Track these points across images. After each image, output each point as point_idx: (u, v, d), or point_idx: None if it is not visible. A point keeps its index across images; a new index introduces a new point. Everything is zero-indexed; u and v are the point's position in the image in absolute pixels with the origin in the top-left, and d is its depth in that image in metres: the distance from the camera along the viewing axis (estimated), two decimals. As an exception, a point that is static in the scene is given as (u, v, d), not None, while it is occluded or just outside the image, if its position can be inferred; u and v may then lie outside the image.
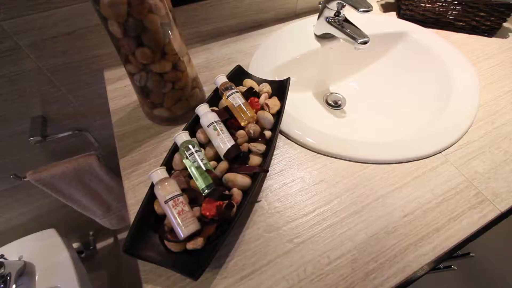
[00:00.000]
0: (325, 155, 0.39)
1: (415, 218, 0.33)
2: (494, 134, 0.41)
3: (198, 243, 0.28)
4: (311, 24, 0.56)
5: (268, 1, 0.56)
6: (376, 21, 0.58)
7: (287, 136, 0.42)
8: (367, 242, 0.32)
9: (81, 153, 0.62)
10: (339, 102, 0.59)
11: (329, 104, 0.58)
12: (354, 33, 0.46)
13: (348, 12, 0.48)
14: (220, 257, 0.31)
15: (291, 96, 0.49)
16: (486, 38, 0.56)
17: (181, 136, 0.34)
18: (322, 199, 0.35)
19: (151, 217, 0.30)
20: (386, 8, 0.64)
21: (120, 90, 0.48)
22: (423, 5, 0.56)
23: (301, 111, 0.47)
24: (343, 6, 0.47)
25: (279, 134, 0.42)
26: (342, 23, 0.48)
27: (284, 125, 0.42)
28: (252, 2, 0.54)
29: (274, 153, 0.40)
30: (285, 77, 0.43)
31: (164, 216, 0.30)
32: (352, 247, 0.32)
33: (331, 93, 0.60)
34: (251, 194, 0.31)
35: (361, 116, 0.55)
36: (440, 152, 0.39)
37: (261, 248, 0.32)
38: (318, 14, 0.52)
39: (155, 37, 0.31)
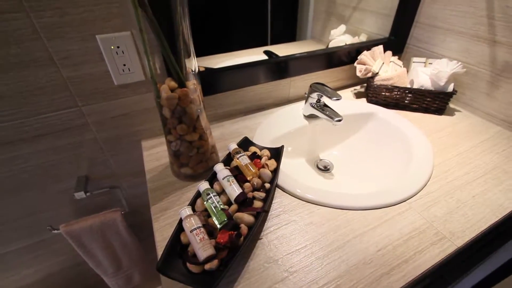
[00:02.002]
0: (313, 203, 0.50)
1: (387, 252, 0.41)
2: (448, 187, 0.52)
3: (214, 264, 0.36)
4: (300, 107, 0.74)
5: (267, 92, 0.75)
6: (351, 105, 0.76)
7: (283, 189, 0.53)
8: (348, 271, 0.39)
9: (107, 209, 0.72)
10: (328, 167, 0.71)
11: (319, 169, 0.71)
12: (331, 114, 0.62)
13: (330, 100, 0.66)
14: (229, 283, 0.38)
15: (288, 161, 0.63)
16: (436, 116, 0.73)
17: (204, 185, 0.45)
18: (311, 238, 0.44)
19: (177, 246, 0.39)
20: (358, 95, 0.83)
21: (153, 155, 0.62)
22: (384, 93, 0.75)
23: (296, 172, 0.60)
24: (322, 96, 0.65)
25: (276, 187, 0.53)
26: (323, 107, 0.66)
27: (281, 181, 0.53)
28: (255, 93, 0.74)
29: (273, 202, 0.50)
30: (280, 145, 0.57)
31: (187, 245, 0.39)
32: (337, 275, 0.39)
33: (321, 159, 0.74)
34: (255, 228, 0.41)
35: (344, 175, 0.67)
36: (405, 201, 0.50)
37: (262, 276, 0.39)
38: (304, 100, 0.70)
39: (191, 118, 0.46)
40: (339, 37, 0.85)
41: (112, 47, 0.51)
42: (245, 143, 0.58)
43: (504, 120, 0.68)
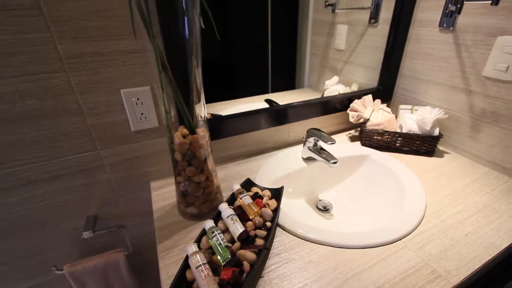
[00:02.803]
0: (312, 242, 0.52)
1: (385, 290, 0.43)
2: (441, 226, 0.54)
3: (217, 300, 0.38)
4: (299, 150, 0.80)
5: (268, 136, 0.82)
6: (347, 148, 0.82)
7: (283, 228, 0.55)
8: (348, 310, 0.40)
9: (111, 249, 0.73)
10: (327, 207, 0.74)
11: (319, 209, 0.74)
12: (327, 157, 0.68)
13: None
14: (232, 321, 0.39)
15: (289, 202, 0.67)
16: (426, 157, 0.78)
17: (209, 223, 0.48)
18: (311, 276, 0.45)
19: (183, 283, 0.41)
20: (353, 139, 0.89)
21: (161, 196, 0.66)
22: (375, 137, 0.81)
23: (296, 212, 0.63)
24: (318, 140, 0.71)
25: (277, 227, 0.56)
26: (319, 150, 0.71)
27: (282, 221, 0.56)
28: (257, 138, 0.80)
29: (274, 240, 0.53)
30: (280, 186, 0.61)
31: (192, 282, 0.41)
32: (337, 314, 0.40)
33: (320, 200, 0.77)
34: (257, 265, 0.43)
35: (343, 215, 0.69)
36: (400, 239, 0.52)
37: (264, 315, 0.40)
38: (303, 144, 0.76)
39: (200, 161, 0.52)
40: (333, 87, 0.95)
41: (133, 99, 0.58)
42: (247, 184, 0.63)
43: (490, 161, 0.72)
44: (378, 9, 0.87)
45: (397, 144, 0.80)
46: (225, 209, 0.52)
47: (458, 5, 0.69)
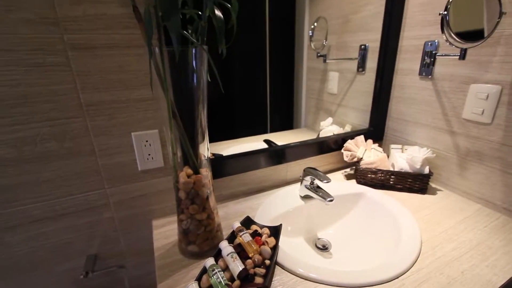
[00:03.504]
0: (311, 281, 0.52)
1: (385, 330, 0.43)
2: (437, 263, 0.55)
3: None
4: (296, 189, 0.83)
5: (267, 175, 0.86)
6: (343, 186, 0.85)
7: (283, 267, 0.56)
8: None
9: (109, 293, 0.72)
10: (326, 246, 0.75)
11: (318, 248, 0.74)
12: (324, 195, 0.71)
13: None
14: None
15: (288, 240, 0.68)
16: (420, 195, 0.81)
17: (209, 261, 0.50)
18: (311, 315, 0.46)
19: (183, 323, 0.41)
20: (348, 177, 0.93)
21: (162, 234, 0.67)
22: (369, 175, 0.84)
23: (295, 250, 0.64)
24: (315, 179, 0.75)
25: (276, 265, 0.57)
26: (316, 189, 0.74)
27: (281, 259, 0.57)
28: (257, 176, 0.84)
29: (273, 279, 0.53)
30: (278, 224, 0.63)
31: (192, 322, 0.41)
32: None
33: (319, 238, 0.77)
34: (256, 304, 0.43)
35: (341, 253, 0.70)
36: (398, 278, 0.52)
37: None
38: (300, 182, 0.79)
39: (202, 199, 0.55)
40: (328, 128, 1.01)
41: (142, 141, 0.64)
42: (247, 222, 0.65)
43: (481, 198, 0.75)
44: (364, 59, 0.98)
45: (391, 182, 0.83)
46: (225, 247, 0.53)
47: (432, 59, 0.78)
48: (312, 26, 0.94)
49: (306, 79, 1.02)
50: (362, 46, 0.97)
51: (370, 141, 0.94)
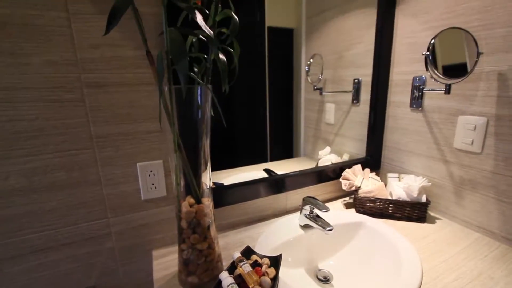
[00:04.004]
0: (312, 312, 0.52)
1: None
2: (439, 295, 0.55)
3: None
4: (296, 218, 0.84)
5: (267, 204, 0.87)
6: (342, 215, 0.86)
7: (284, 298, 0.55)
8: None
9: (104, 329, 0.69)
10: (328, 277, 0.74)
11: (319, 279, 0.73)
12: (323, 224, 0.71)
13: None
14: None
15: (289, 271, 0.68)
16: (419, 224, 0.81)
17: (210, 291, 0.50)
18: None
19: None
20: (347, 206, 0.94)
21: (162, 264, 0.67)
22: (368, 204, 0.86)
23: (296, 282, 0.63)
24: (314, 208, 0.76)
25: (277, 296, 0.56)
26: (315, 218, 0.75)
27: (281, 289, 0.57)
28: (257, 205, 0.85)
29: (274, 312, 0.53)
30: (278, 254, 0.64)
31: None
32: None
33: (320, 269, 0.77)
34: (256, 338, 0.43)
35: (343, 285, 0.69)
36: (400, 310, 0.52)
37: None
38: (299, 211, 0.80)
39: (203, 229, 0.56)
40: (326, 157, 1.04)
41: (147, 171, 0.66)
42: (247, 252, 0.65)
43: (479, 227, 0.76)
44: (358, 92, 1.04)
45: (390, 211, 0.84)
46: (226, 278, 0.53)
47: (420, 93, 0.84)
48: (308, 62, 1.01)
49: (304, 110, 1.07)
50: (356, 80, 1.04)
51: (367, 170, 0.96)
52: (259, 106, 0.92)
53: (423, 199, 0.81)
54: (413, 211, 0.82)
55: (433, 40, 0.70)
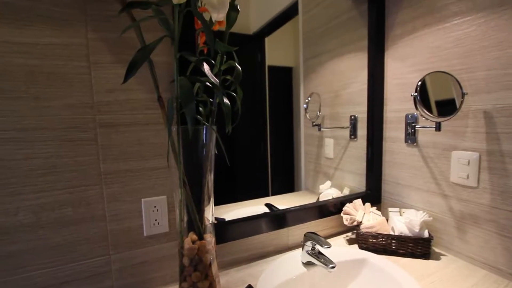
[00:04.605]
0: None
1: None
2: (448, 338, 0.53)
3: None
4: (298, 255, 0.82)
5: (269, 240, 0.86)
6: (345, 252, 0.85)
7: None
8: None
9: None
10: (333, 319, 0.71)
11: (324, 320, 0.70)
12: (325, 261, 0.71)
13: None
14: None
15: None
16: (424, 260, 0.80)
17: (210, 333, 0.48)
18: None
19: None
20: (350, 241, 0.93)
21: (162, 305, 0.65)
22: (371, 240, 0.85)
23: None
24: (315, 244, 0.76)
25: None
26: (318, 255, 0.74)
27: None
28: (258, 241, 0.85)
29: None
30: (281, 291, 0.62)
31: None
32: None
33: (325, 309, 0.74)
34: None
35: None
36: None
37: None
38: (301, 248, 0.79)
39: (205, 266, 0.56)
40: (327, 191, 1.05)
41: (151, 207, 0.68)
42: (249, 290, 0.64)
43: (485, 263, 0.74)
44: (355, 128, 1.09)
45: (393, 247, 0.83)
46: (227, 318, 0.52)
47: (413, 130, 0.88)
48: (307, 100, 1.08)
49: (304, 145, 1.11)
50: (352, 117, 1.09)
51: (368, 204, 0.97)
52: (260, 141, 0.96)
53: (426, 234, 0.81)
54: (417, 247, 0.81)
55: (419, 82, 0.77)
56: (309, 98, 1.08)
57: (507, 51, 0.68)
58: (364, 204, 0.97)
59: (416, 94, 0.75)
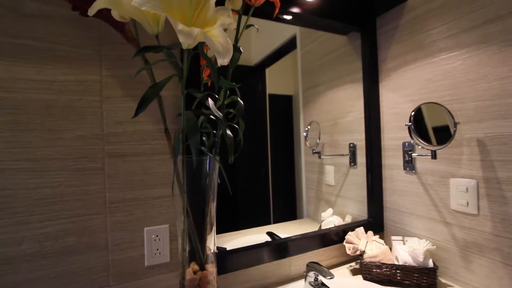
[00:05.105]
0: None
1: None
2: None
3: None
4: (301, 286, 0.81)
5: (271, 270, 0.85)
6: (348, 283, 0.82)
7: None
8: None
9: None
10: None
11: None
12: (329, 292, 0.69)
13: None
14: None
15: None
16: (431, 293, 0.77)
17: None
18: None
19: None
20: (354, 272, 0.91)
21: None
22: (375, 270, 0.83)
23: None
24: (318, 274, 0.75)
25: None
26: (321, 286, 0.73)
27: None
28: (260, 272, 0.83)
29: None
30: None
31: None
32: None
33: None
34: None
35: None
36: None
37: None
38: (304, 279, 0.78)
39: (206, 296, 0.55)
40: (329, 219, 1.05)
41: (153, 236, 0.68)
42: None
43: (494, 296, 0.72)
44: (355, 156, 1.11)
45: (398, 278, 0.81)
46: None
47: (410, 158, 0.90)
48: (306, 128, 1.11)
49: (305, 172, 1.13)
50: (351, 144, 1.12)
51: (370, 232, 0.96)
52: (261, 167, 0.98)
53: (430, 263, 0.79)
54: (422, 277, 0.79)
55: (412, 113, 0.80)
56: (309, 127, 1.12)
57: (493, 83, 0.72)
58: (366, 232, 0.96)
59: (410, 124, 0.79)
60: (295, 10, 0.91)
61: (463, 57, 0.79)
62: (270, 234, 0.92)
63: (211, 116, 0.54)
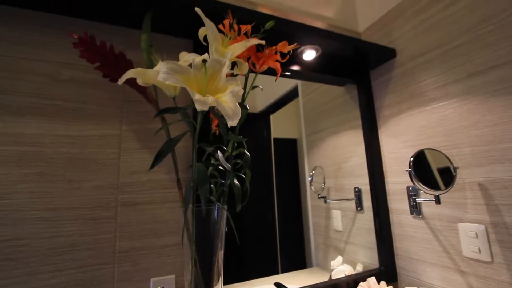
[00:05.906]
0: None
1: None
2: None
3: None
4: None
5: (279, 326, 0.80)
6: None
7: None
8: None
9: None
10: None
11: None
12: None
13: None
14: None
15: None
16: None
17: None
18: None
19: None
20: (369, 328, 0.84)
21: None
22: (391, 326, 0.78)
23: None
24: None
25: None
26: None
27: None
28: (268, 327, 0.78)
29: None
30: None
31: None
32: None
33: None
34: None
35: None
36: None
37: None
38: (315, 335, 0.73)
39: None
40: (339, 268, 1.01)
41: (159, 287, 0.67)
42: None
43: None
44: (360, 200, 1.12)
45: (417, 335, 0.76)
46: None
47: (415, 203, 0.91)
48: (311, 173, 1.14)
49: (312, 217, 1.12)
50: (356, 189, 1.13)
51: (383, 283, 0.92)
52: (268, 213, 0.99)
53: (450, 318, 0.74)
54: (443, 334, 0.73)
55: (412, 158, 0.84)
56: (313, 172, 1.15)
57: (484, 130, 0.76)
58: (379, 282, 0.92)
59: (410, 169, 0.81)
60: (295, 68, 1.01)
61: (453, 106, 0.85)
62: (278, 285, 0.88)
63: (220, 168, 0.58)
